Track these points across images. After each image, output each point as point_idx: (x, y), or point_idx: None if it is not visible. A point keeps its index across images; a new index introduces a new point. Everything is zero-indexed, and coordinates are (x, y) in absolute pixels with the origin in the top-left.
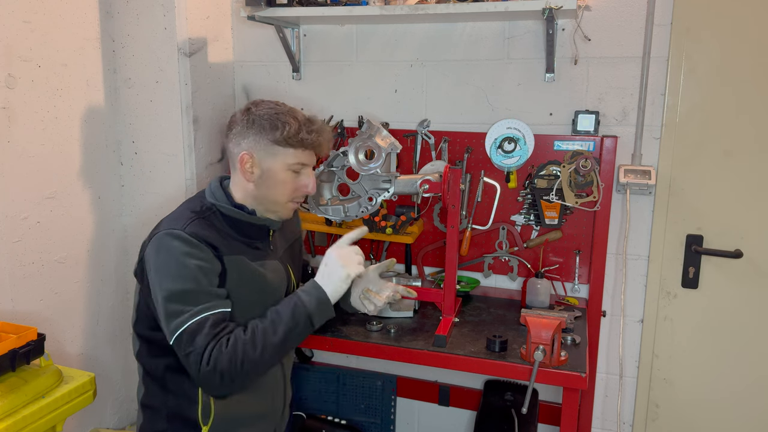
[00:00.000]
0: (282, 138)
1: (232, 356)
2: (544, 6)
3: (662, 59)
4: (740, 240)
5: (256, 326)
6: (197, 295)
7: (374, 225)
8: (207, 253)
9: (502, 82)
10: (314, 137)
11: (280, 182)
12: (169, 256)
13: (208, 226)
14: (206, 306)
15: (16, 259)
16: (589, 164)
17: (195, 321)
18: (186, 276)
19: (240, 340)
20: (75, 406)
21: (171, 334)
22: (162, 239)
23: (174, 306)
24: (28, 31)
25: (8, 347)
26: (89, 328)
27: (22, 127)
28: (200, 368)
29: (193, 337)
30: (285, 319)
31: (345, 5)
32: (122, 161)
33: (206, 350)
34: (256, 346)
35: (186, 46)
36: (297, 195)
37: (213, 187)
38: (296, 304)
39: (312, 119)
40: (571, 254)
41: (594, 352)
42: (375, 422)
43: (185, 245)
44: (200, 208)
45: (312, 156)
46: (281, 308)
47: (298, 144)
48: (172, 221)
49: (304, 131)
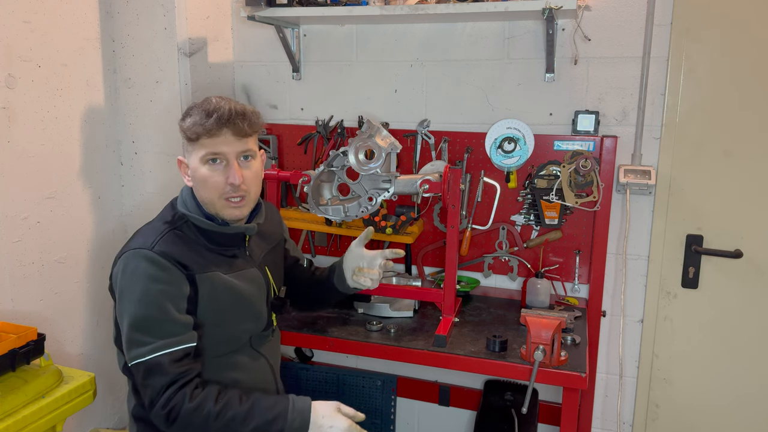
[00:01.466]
0: (185, 132)
1: (193, 413)
2: (544, 6)
3: (662, 59)
4: (740, 240)
5: (230, 404)
6: (160, 325)
7: (374, 225)
8: (175, 275)
9: (502, 82)
10: (207, 120)
11: (202, 179)
12: (134, 279)
13: (179, 240)
14: (169, 341)
15: (16, 259)
16: (589, 164)
17: (154, 357)
18: (150, 302)
19: (208, 406)
20: (75, 406)
21: (129, 360)
22: (129, 259)
23: (135, 333)
24: (28, 31)
25: (8, 347)
26: (89, 328)
27: (22, 127)
28: (154, 406)
29: (151, 373)
30: (261, 419)
31: (345, 5)
32: (122, 161)
33: (165, 392)
34: (219, 420)
35: (186, 46)
36: (225, 191)
37: (185, 195)
38: (279, 414)
39: (210, 101)
40: (571, 254)
41: (594, 352)
42: (375, 422)
43: (152, 267)
44: (171, 218)
45: (227, 142)
46: (264, 406)
47: (199, 133)
48: (143, 237)
49: (201, 118)
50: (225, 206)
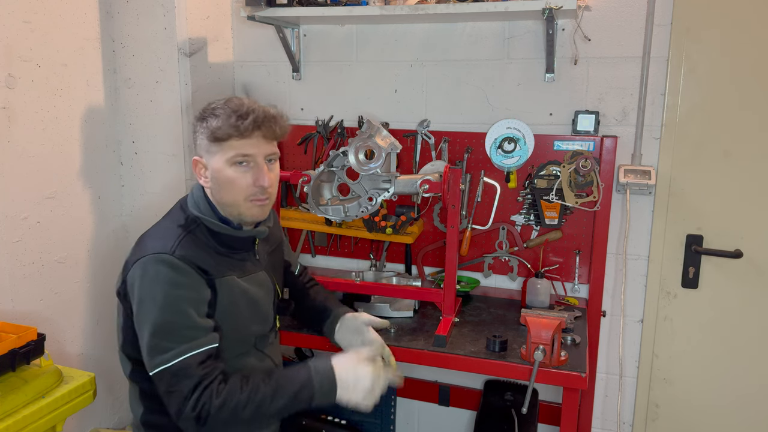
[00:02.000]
0: (212, 132)
1: (222, 407)
2: (544, 6)
3: (662, 59)
4: (740, 240)
5: (258, 388)
6: (183, 330)
7: (374, 225)
8: (196, 279)
9: (502, 82)
10: (241, 122)
11: (228, 181)
12: (155, 284)
13: (196, 244)
14: (192, 344)
15: (16, 259)
16: (589, 164)
17: (180, 360)
18: (172, 308)
19: (236, 396)
20: (75, 406)
21: (152, 367)
22: (148, 264)
23: (158, 340)
24: (28, 31)
25: (8, 347)
26: (89, 328)
27: (22, 127)
28: (183, 411)
29: (178, 378)
30: (288, 393)
31: (345, 5)
32: (122, 161)
33: (193, 394)
34: (248, 407)
35: (186, 46)
36: (252, 192)
37: (196, 197)
38: (304, 383)
39: (242, 102)
40: (571, 254)
41: (594, 352)
42: (375, 422)
43: (173, 272)
44: (185, 221)
45: (256, 144)
46: (289, 380)
47: (229, 135)
48: (159, 240)
49: (232, 119)
50: (250, 207)
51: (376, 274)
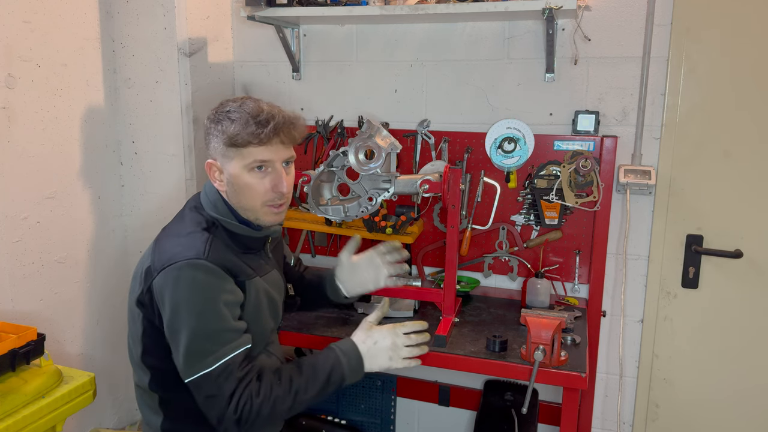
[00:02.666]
0: (230, 138)
1: (262, 406)
2: (544, 6)
3: (662, 59)
4: (740, 240)
5: (293, 379)
6: (223, 334)
7: (374, 225)
8: (231, 284)
9: (502, 82)
10: (260, 129)
11: (246, 186)
12: (193, 290)
13: (222, 246)
14: (231, 346)
15: (16, 259)
16: (589, 164)
17: (221, 364)
18: (212, 313)
19: (275, 391)
20: (75, 406)
21: (192, 374)
22: (182, 270)
23: (198, 345)
24: (28, 31)
25: (8, 347)
26: (89, 328)
27: (22, 127)
28: (225, 414)
29: (219, 382)
30: (321, 378)
31: (345, 5)
32: (122, 161)
33: (233, 397)
34: (286, 400)
35: (186, 46)
36: (271, 197)
37: (212, 198)
38: (334, 365)
39: (262, 108)
40: (571, 254)
41: (594, 352)
42: (375, 422)
43: (211, 277)
44: (207, 224)
45: (274, 150)
46: (319, 365)
47: (247, 141)
48: (187, 246)
49: (250, 125)
50: (267, 213)
51: None
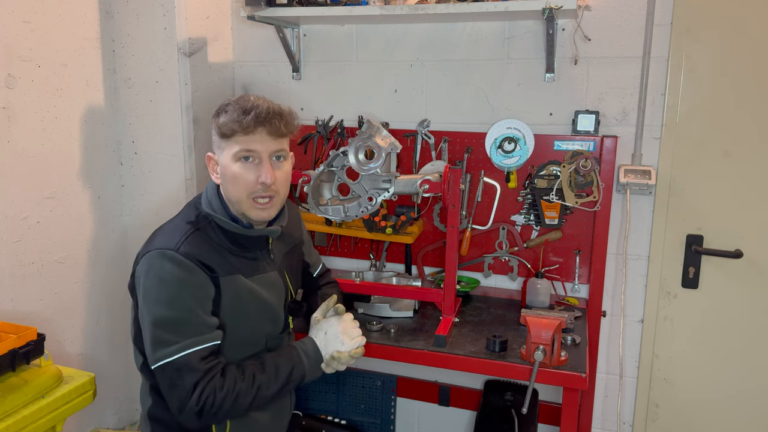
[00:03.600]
0: (220, 128)
1: (225, 399)
2: (544, 6)
3: (662, 59)
4: (740, 240)
5: (254, 375)
6: (186, 326)
7: (374, 225)
8: (200, 276)
9: (502, 82)
10: (244, 117)
11: (233, 177)
12: (160, 280)
13: (203, 240)
14: (195, 340)
15: (16, 259)
16: (589, 164)
17: (183, 356)
18: (176, 303)
19: (237, 386)
20: (75, 406)
21: (154, 361)
22: (154, 259)
23: (161, 333)
24: (28, 31)
25: (8, 347)
26: (89, 328)
27: (22, 127)
28: (185, 405)
29: (181, 373)
30: (282, 376)
31: (345, 5)
32: (122, 161)
33: (196, 389)
34: (249, 395)
35: (186, 46)
36: (255, 189)
37: (210, 194)
38: (295, 364)
39: (247, 98)
40: (571, 254)
41: (594, 352)
42: (375, 422)
43: (178, 268)
44: (195, 218)
45: (262, 140)
46: (281, 363)
47: (234, 130)
48: (167, 236)
49: (237, 115)
50: (252, 207)
51: (376, 274)
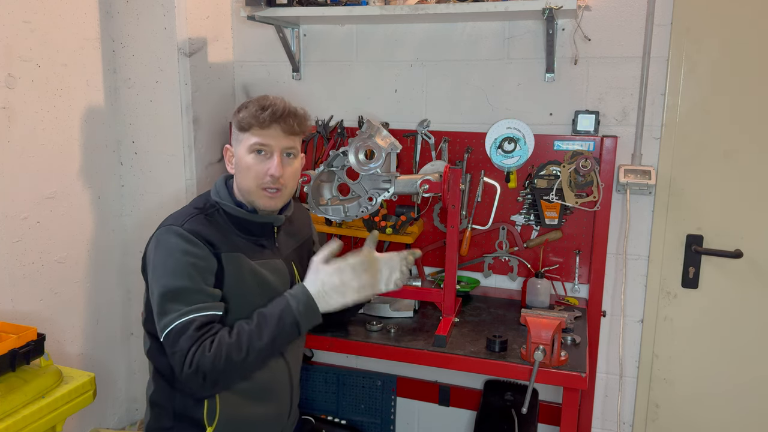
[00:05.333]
0: (239, 122)
1: (215, 358)
2: (544, 6)
3: (662, 59)
4: (740, 240)
5: (242, 328)
6: (189, 294)
7: (374, 225)
8: (203, 249)
9: (502, 82)
10: (263, 113)
11: (245, 167)
12: (166, 253)
13: (208, 222)
14: (196, 307)
15: (16, 259)
16: (589, 164)
17: (182, 321)
18: (180, 273)
19: (224, 343)
20: (75, 406)
21: (161, 331)
22: (161, 235)
23: (166, 303)
24: (28, 31)
25: (8, 347)
26: (89, 328)
27: (22, 127)
28: (183, 369)
29: (178, 337)
30: (271, 323)
31: (345, 5)
32: (122, 161)
33: (189, 352)
34: (240, 349)
35: (186, 46)
36: (265, 181)
37: (218, 185)
38: (283, 309)
39: (267, 97)
40: (571, 254)
41: (594, 352)
42: (375, 422)
43: (182, 241)
44: (203, 205)
45: (275, 136)
46: (268, 311)
47: (251, 125)
48: (174, 218)
49: (256, 110)
50: (261, 195)
51: None
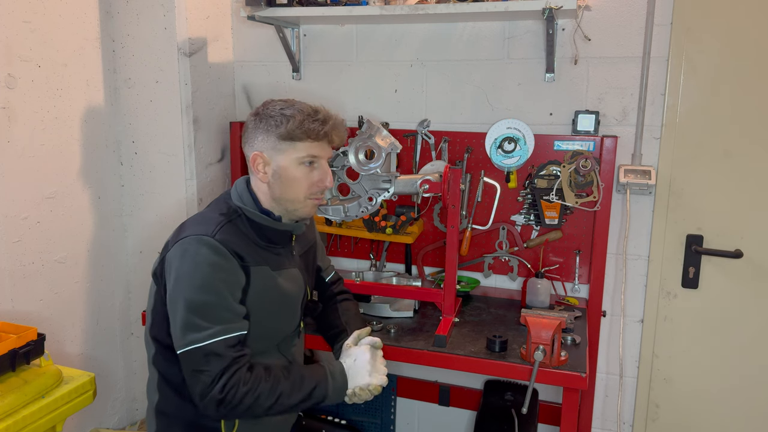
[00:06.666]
0: (287, 132)
1: (246, 395)
2: (544, 6)
3: (662, 59)
4: (740, 240)
5: (279, 379)
6: (218, 311)
7: (374, 225)
8: (233, 264)
9: (502, 82)
10: (319, 127)
11: (293, 179)
12: (195, 264)
13: (235, 231)
14: (224, 327)
15: (16, 259)
16: (589, 164)
17: (213, 342)
18: (210, 288)
19: (261, 386)
20: (75, 406)
21: (183, 345)
22: (190, 244)
23: (193, 318)
24: (28, 31)
25: (8, 347)
26: (89, 328)
27: (22, 127)
28: (209, 391)
29: (209, 358)
30: (306, 389)
31: (345, 5)
32: (122, 161)
33: (222, 376)
34: (271, 397)
35: (186, 46)
36: (314, 190)
37: (240, 189)
38: (320, 382)
39: (318, 109)
40: (571, 254)
41: (594, 352)
42: (375, 422)
43: (213, 254)
44: (227, 211)
45: (324, 147)
46: (307, 376)
47: (304, 136)
48: (200, 225)
49: (308, 122)
50: (308, 204)
51: (376, 274)
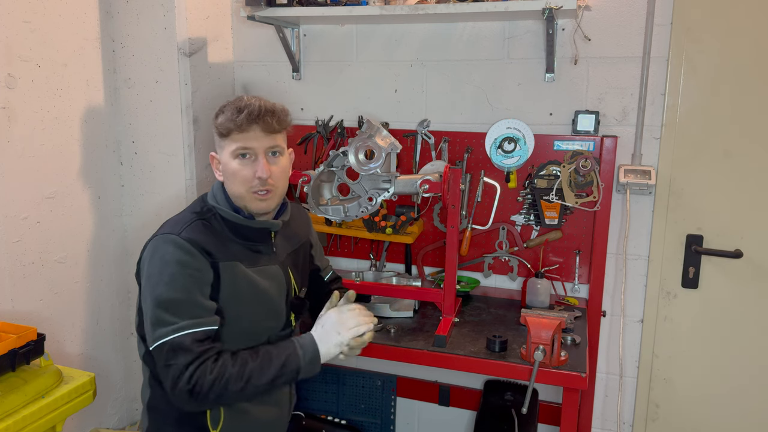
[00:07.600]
0: (218, 127)
1: (214, 383)
2: (544, 6)
3: (662, 59)
4: (740, 240)
5: (246, 361)
6: (185, 307)
7: (374, 225)
8: (200, 261)
9: (502, 82)
10: (243, 118)
11: (232, 173)
12: (162, 262)
13: (206, 229)
14: (192, 322)
15: (16, 259)
16: (589, 164)
17: (178, 336)
18: (176, 285)
19: (227, 370)
20: (75, 406)
21: (153, 341)
22: (157, 243)
23: (160, 314)
24: (28, 31)
25: (8, 347)
26: (89, 328)
27: (22, 127)
28: (177, 384)
29: (175, 352)
30: (275, 365)
31: (345, 5)
32: (122, 161)
33: (188, 369)
34: (240, 380)
35: (186, 46)
36: (253, 185)
37: (215, 188)
38: (290, 354)
39: (243, 98)
40: (571, 254)
41: (594, 352)
42: (375, 422)
43: (179, 252)
44: (200, 209)
45: (257, 137)
46: (275, 352)
47: (233, 128)
48: (172, 225)
49: (234, 114)
50: (253, 199)
51: (376, 274)
